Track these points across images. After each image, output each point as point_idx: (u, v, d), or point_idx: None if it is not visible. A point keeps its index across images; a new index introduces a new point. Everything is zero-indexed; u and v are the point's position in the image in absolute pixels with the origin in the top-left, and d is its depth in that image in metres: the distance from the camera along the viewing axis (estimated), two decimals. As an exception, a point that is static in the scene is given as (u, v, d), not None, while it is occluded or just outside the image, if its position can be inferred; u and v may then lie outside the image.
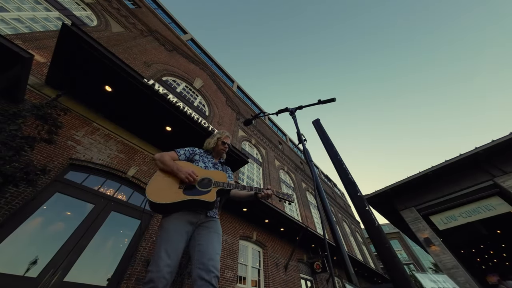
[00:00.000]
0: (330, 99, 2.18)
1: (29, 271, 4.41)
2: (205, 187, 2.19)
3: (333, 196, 31.30)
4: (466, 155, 8.16)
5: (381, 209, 11.12)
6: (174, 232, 1.96)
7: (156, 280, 1.68)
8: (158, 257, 1.79)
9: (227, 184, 2.27)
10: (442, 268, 7.72)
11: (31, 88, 6.12)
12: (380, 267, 25.80)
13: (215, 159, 2.73)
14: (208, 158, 2.63)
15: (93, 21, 10.75)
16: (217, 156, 2.77)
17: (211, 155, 2.74)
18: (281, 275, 10.67)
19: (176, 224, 2.01)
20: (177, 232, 1.97)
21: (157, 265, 1.75)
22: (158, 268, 1.73)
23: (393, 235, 45.80)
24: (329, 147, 2.16)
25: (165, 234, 1.93)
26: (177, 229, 1.99)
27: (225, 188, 2.25)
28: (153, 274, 1.71)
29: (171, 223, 2.00)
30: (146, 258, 6.05)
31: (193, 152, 2.58)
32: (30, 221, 4.83)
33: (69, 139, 6.24)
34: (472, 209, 8.21)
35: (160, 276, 1.71)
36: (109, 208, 6.16)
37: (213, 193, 2.16)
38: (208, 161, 2.58)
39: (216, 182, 2.26)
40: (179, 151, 2.48)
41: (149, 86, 6.56)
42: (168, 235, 1.93)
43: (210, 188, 2.19)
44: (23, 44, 6.85)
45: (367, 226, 1.24)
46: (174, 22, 18.42)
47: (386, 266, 1.06)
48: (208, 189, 2.18)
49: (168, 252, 1.83)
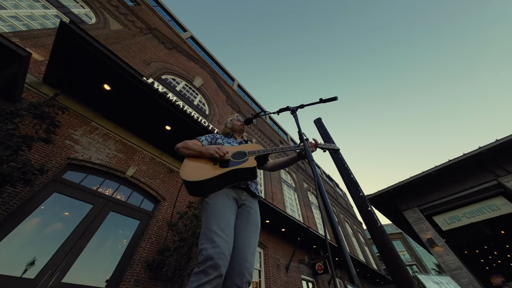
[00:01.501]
0: (332, 98, 2.17)
1: (27, 272, 4.42)
2: (240, 158, 2.11)
3: (335, 196, 31.28)
4: (470, 154, 8.14)
5: (383, 209, 11.11)
6: (222, 207, 1.81)
7: (215, 257, 1.46)
8: (212, 233, 1.60)
9: (263, 150, 2.21)
10: (446, 269, 7.71)
11: (28, 86, 6.12)
12: (382, 268, 25.78)
13: (238, 139, 2.71)
14: (231, 140, 2.60)
15: (92, 19, 10.74)
16: (239, 135, 2.76)
17: (233, 137, 2.70)
18: (282, 277, 10.67)
19: (222, 199, 1.87)
20: (226, 206, 1.83)
21: (212, 241, 1.55)
22: (214, 244, 1.53)
23: (395, 236, 45.78)
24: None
25: (213, 210, 1.77)
26: (225, 204, 1.85)
27: (262, 153, 2.18)
28: (211, 250, 1.49)
29: (217, 198, 1.86)
30: (146, 259, 6.06)
31: (214, 137, 2.53)
32: (28, 221, 4.84)
33: (67, 138, 6.24)
34: (476, 210, 8.19)
35: (220, 252, 1.50)
36: (107, 208, 6.17)
37: (252, 159, 2.08)
38: (232, 141, 2.55)
39: (251, 151, 2.19)
40: (200, 138, 2.43)
41: (149, 85, 6.57)
42: (217, 210, 1.77)
43: (247, 157, 2.11)
44: (21, 42, 6.85)
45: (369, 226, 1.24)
46: (173, 20, 18.38)
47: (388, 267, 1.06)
48: (245, 158, 2.10)
49: (221, 226, 1.65)
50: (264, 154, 2.22)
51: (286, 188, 18.71)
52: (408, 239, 43.62)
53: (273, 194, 15.32)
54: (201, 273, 1.43)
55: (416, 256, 42.18)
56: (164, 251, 6.13)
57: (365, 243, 28.53)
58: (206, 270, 1.43)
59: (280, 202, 15.46)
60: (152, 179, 7.68)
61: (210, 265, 1.43)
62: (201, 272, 1.43)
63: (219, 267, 1.46)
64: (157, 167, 8.18)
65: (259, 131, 20.60)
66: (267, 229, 11.72)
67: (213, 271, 1.43)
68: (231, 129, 2.75)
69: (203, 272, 1.43)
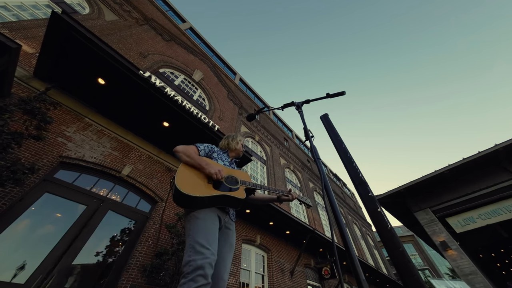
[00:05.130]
0: (340, 93, 2.16)
1: (17, 277, 4.43)
2: (232, 184, 2.25)
3: (343, 197, 31.28)
4: (486, 152, 8.11)
5: (394, 210, 11.10)
6: (212, 223, 1.96)
7: (205, 266, 1.59)
8: (200, 246, 1.73)
9: (253, 184, 2.36)
10: (460, 274, 7.69)
11: (18, 80, 6.13)
12: (393, 273, 25.80)
13: (230, 157, 2.81)
14: (225, 157, 2.70)
15: (85, 9, 10.73)
16: (234, 156, 2.86)
17: (227, 153, 2.80)
18: (286, 282, 10.69)
19: (212, 216, 2.01)
20: (213, 223, 1.97)
21: (201, 252, 1.68)
22: (203, 256, 1.66)
23: (407, 239, 45.79)
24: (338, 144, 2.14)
25: (201, 223, 1.90)
26: (214, 221, 2.00)
27: (252, 187, 2.33)
28: (200, 261, 1.62)
29: (206, 214, 1.99)
30: (142, 263, 6.07)
31: (211, 149, 2.63)
32: (18, 223, 4.85)
33: (59, 135, 6.25)
34: (492, 211, 8.15)
35: (208, 262, 1.63)
36: (102, 209, 6.18)
37: (242, 190, 2.24)
38: (225, 159, 2.65)
39: (242, 180, 2.34)
40: (199, 146, 2.51)
41: (145, 79, 6.57)
42: (207, 225, 1.91)
43: (238, 186, 2.26)
44: (10, 33, 6.85)
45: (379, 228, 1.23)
46: (171, 10, 18.32)
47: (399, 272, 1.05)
48: (236, 186, 2.24)
49: (210, 242, 1.79)
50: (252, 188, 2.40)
51: (291, 187, 18.62)
52: (420, 242, 43.62)
53: (276, 194, 15.21)
54: (191, 281, 1.52)
55: (429, 260, 42.20)
56: (161, 255, 6.14)
57: (374, 246, 28.53)
58: (196, 278, 1.53)
59: (284, 203, 15.41)
60: (149, 178, 7.69)
61: (199, 273, 1.54)
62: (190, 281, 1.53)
63: (208, 276, 1.58)
64: (154, 166, 8.19)
65: (262, 128, 20.60)
66: (270, 232, 11.75)
67: (202, 279, 1.54)
68: (233, 150, 2.85)
69: (193, 280, 1.53)
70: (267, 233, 11.47)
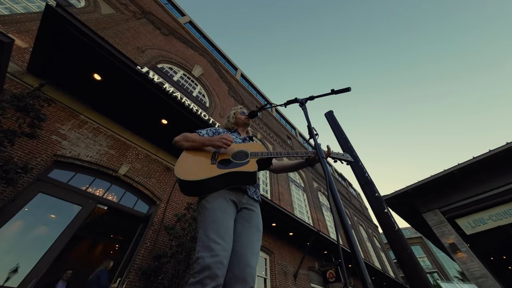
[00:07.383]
0: (345, 89, 2.14)
1: (9, 281, 4.45)
2: (241, 159, 2.07)
3: (348, 197, 31.25)
4: (497, 151, 8.05)
5: (401, 211, 11.06)
6: (222, 212, 1.80)
7: (213, 266, 1.48)
8: (210, 240, 1.60)
9: (267, 152, 2.17)
10: (470, 277, 7.67)
11: (11, 76, 6.13)
12: (400, 276, 25.78)
13: (242, 134, 2.66)
14: (235, 135, 2.53)
15: (81, 2, 10.71)
16: (243, 130, 2.71)
17: (236, 132, 2.65)
18: (290, 285, 10.69)
19: (220, 202, 1.85)
20: (224, 211, 1.82)
21: (210, 249, 1.55)
22: (213, 253, 1.53)
23: (414, 240, 45.71)
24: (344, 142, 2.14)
25: (210, 214, 1.76)
26: (225, 209, 1.83)
27: (265, 156, 2.13)
28: (208, 259, 1.50)
29: (215, 201, 1.84)
30: (140, 266, 6.08)
31: (216, 131, 2.48)
32: (10, 224, 4.87)
33: (54, 133, 6.26)
34: (504, 212, 8.11)
35: (218, 261, 1.51)
36: (98, 210, 6.18)
37: (253, 163, 2.04)
38: (236, 137, 2.48)
39: (253, 152, 2.15)
40: (200, 132, 2.39)
41: (143, 74, 6.55)
42: (216, 216, 1.75)
43: (248, 159, 2.08)
44: (3, 27, 6.86)
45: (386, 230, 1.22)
46: (170, 3, 18.27)
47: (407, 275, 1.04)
48: (246, 160, 2.06)
49: (220, 233, 1.65)
50: (267, 158, 2.18)
51: (294, 188, 18.72)
52: (428, 244, 43.54)
53: (279, 194, 15.33)
54: (198, 284, 1.44)
55: (437, 262, 42.13)
56: (160, 257, 6.14)
57: (381, 249, 28.50)
58: (203, 281, 1.44)
59: (288, 203, 15.48)
60: (147, 178, 7.69)
61: (207, 275, 1.44)
62: (198, 283, 1.44)
63: (217, 277, 1.47)
64: (153, 165, 8.19)
65: (264, 125, 20.56)
66: (273, 233, 11.73)
67: (211, 282, 1.44)
68: (234, 124, 2.69)
69: (200, 283, 1.44)
70: (269, 235, 11.45)
